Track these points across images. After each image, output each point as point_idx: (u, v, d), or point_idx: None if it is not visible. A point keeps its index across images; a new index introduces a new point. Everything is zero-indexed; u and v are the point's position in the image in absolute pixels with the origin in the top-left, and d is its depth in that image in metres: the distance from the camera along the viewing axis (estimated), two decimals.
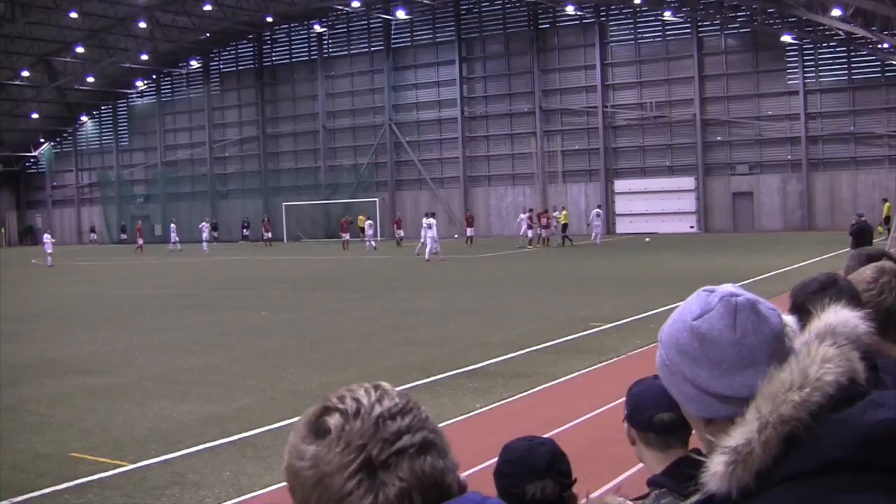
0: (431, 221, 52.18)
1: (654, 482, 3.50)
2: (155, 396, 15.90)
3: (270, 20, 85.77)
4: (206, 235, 75.51)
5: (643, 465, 3.88)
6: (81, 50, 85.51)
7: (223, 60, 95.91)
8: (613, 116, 76.44)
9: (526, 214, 62.78)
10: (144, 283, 42.92)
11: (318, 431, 1.73)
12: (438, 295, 31.75)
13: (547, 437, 4.17)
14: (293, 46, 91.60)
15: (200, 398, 15.71)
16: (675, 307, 2.26)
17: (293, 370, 18.00)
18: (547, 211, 66.12)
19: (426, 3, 79.73)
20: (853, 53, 67.82)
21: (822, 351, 1.92)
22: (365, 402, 1.75)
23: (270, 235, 79.53)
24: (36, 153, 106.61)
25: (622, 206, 75.10)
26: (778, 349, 2.08)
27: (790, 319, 2.49)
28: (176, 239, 75.83)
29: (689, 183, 73.57)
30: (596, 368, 17.05)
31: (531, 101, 78.99)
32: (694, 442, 3.70)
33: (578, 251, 55.03)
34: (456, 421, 13.27)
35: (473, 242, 64.35)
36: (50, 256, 58.09)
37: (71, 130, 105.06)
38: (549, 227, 63.14)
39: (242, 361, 19.32)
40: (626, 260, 45.68)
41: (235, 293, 35.27)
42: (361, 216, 78.92)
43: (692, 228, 72.96)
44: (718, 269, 36.97)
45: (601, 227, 62.83)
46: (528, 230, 62.24)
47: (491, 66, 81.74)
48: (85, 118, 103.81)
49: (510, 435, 4.29)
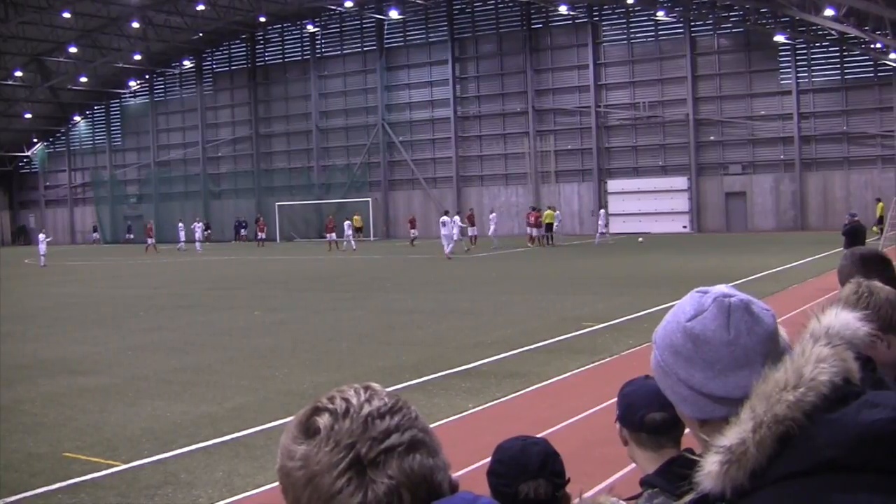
0: (446, 219, 53.72)
1: (646, 482, 3.51)
2: (148, 396, 15.89)
3: (263, 20, 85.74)
4: (198, 235, 75.60)
5: (636, 465, 3.89)
6: (74, 50, 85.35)
7: (216, 60, 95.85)
8: (606, 116, 76.47)
9: (493, 215, 62.74)
10: (138, 282, 42.87)
11: (307, 431, 1.74)
12: (431, 295, 31.76)
13: (540, 436, 4.17)
14: (286, 46, 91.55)
15: (193, 398, 15.70)
16: (668, 307, 2.26)
17: (286, 370, 17.99)
18: (534, 209, 66.43)
19: (419, 2, 79.75)
20: (846, 53, 67.91)
21: (816, 351, 1.92)
22: (354, 401, 1.76)
23: (264, 235, 79.52)
24: (29, 153, 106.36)
25: (615, 205, 75.07)
26: (772, 349, 2.08)
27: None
28: (183, 238, 76.12)
29: (682, 183, 73.62)
30: (589, 368, 17.06)
31: (524, 100, 79.01)
32: (686, 442, 3.71)
33: (572, 251, 55.02)
34: (449, 421, 13.28)
35: (477, 241, 63.23)
36: (43, 257, 57.99)
37: (64, 130, 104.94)
38: (540, 226, 63.37)
39: (235, 361, 19.32)
40: (619, 260, 45.68)
41: (228, 293, 35.26)
42: (357, 216, 79.13)
43: (685, 228, 73.03)
44: (711, 269, 36.99)
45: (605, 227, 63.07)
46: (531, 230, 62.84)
47: (484, 65, 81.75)
48: (78, 118, 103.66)
49: (503, 435, 4.29)
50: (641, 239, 60.66)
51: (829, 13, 57.68)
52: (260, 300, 31.85)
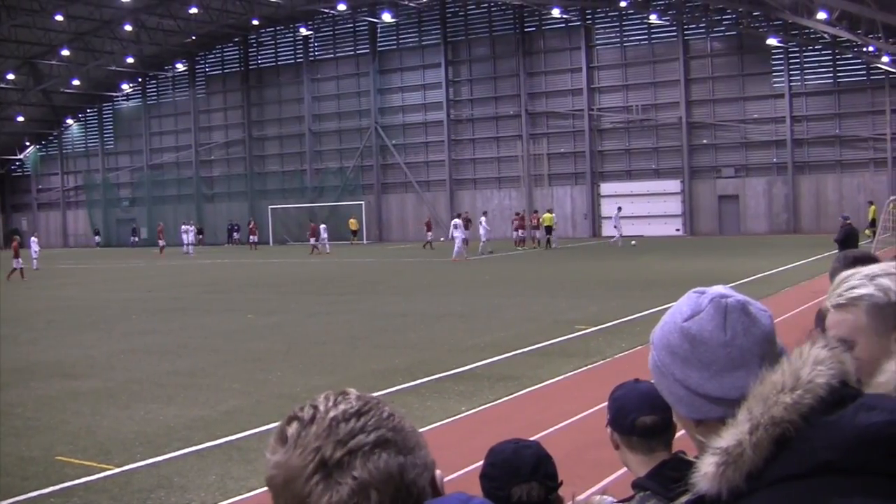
0: (458, 222, 54.60)
1: (638, 485, 3.51)
2: (141, 400, 15.87)
3: (256, 23, 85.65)
4: (190, 238, 75.44)
5: (627, 468, 3.90)
6: (67, 53, 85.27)
7: (209, 63, 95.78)
8: (599, 119, 76.55)
9: (461, 221, 62.99)
10: (131, 286, 42.80)
11: (280, 440, 1.79)
12: (424, 298, 31.76)
13: (533, 439, 4.18)
14: (279, 49, 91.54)
15: (186, 401, 15.68)
16: (661, 310, 2.27)
17: (279, 373, 17.98)
18: (536, 212, 66.70)
19: (412, 6, 79.75)
20: (838, 57, 68.05)
21: (813, 353, 1.93)
22: (321, 407, 1.81)
23: (256, 238, 79.46)
24: (21, 156, 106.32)
25: (608, 209, 75.14)
26: (769, 350, 2.09)
27: None
28: (187, 241, 75.84)
29: (674, 186, 73.71)
30: (582, 371, 17.07)
31: (517, 104, 79.05)
32: (677, 444, 3.72)
33: (564, 254, 55.03)
34: (442, 424, 13.27)
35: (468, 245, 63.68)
36: (36, 260, 57.88)
37: (56, 133, 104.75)
38: (538, 227, 63.73)
39: (228, 365, 19.29)
40: (612, 263, 45.71)
41: (221, 296, 35.22)
42: (352, 220, 79.23)
43: (678, 231, 73.09)
44: (704, 271, 36.99)
45: (619, 227, 63.26)
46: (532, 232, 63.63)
47: (477, 69, 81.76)
48: (70, 121, 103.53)
49: (496, 438, 4.29)
50: (634, 242, 60.66)
51: (821, 16, 57.77)
52: (253, 303, 31.82)
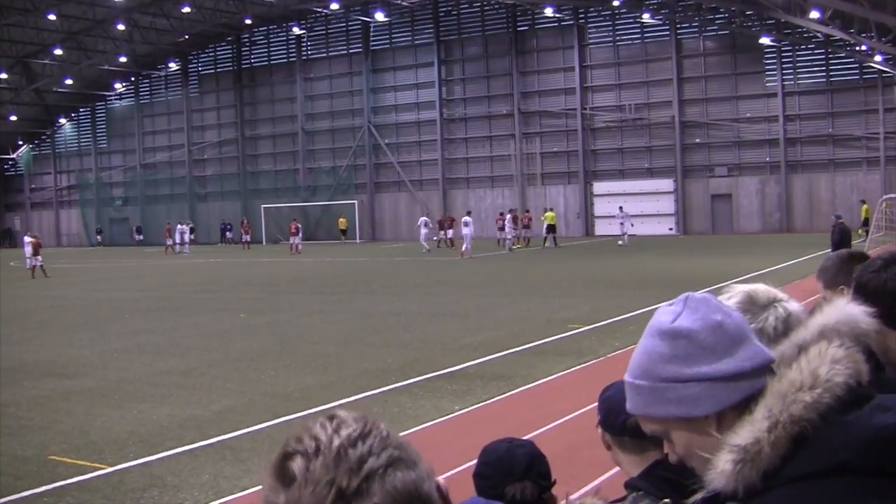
0: (468, 219, 56.37)
1: (630, 485, 3.51)
2: (134, 399, 15.86)
3: (249, 22, 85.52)
4: (179, 237, 75.41)
5: (619, 468, 3.89)
6: (59, 52, 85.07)
7: (202, 62, 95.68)
8: (592, 118, 76.56)
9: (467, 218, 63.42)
10: (124, 285, 42.78)
11: (284, 479, 1.69)
12: (417, 297, 31.76)
13: (526, 438, 4.18)
14: (272, 48, 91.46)
15: (179, 401, 15.67)
16: (654, 309, 2.27)
17: (272, 373, 17.97)
18: (528, 212, 67.00)
19: (405, 5, 79.72)
20: (831, 56, 68.15)
21: (831, 352, 1.94)
22: (323, 437, 1.71)
23: (249, 238, 79.42)
24: (14, 155, 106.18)
25: (601, 208, 75.19)
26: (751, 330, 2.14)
27: (797, 307, 2.53)
28: (189, 240, 75.93)
29: (667, 185, 73.77)
30: (575, 370, 17.08)
31: (510, 103, 79.06)
32: None
33: (558, 253, 55.05)
34: (435, 423, 13.24)
35: (453, 244, 64.04)
36: (28, 259, 57.70)
37: (49, 133, 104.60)
38: (528, 226, 64.02)
39: (221, 364, 19.28)
40: (605, 262, 45.74)
41: (214, 296, 35.18)
42: (342, 219, 79.31)
43: (671, 230, 73.15)
44: (697, 270, 37.04)
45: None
46: (520, 231, 64.29)
47: (470, 68, 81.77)
48: (63, 120, 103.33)
49: (489, 437, 4.30)
50: (621, 242, 60.57)
51: (814, 16, 57.80)
52: (246, 303, 31.81)
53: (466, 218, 57.05)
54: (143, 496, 10.52)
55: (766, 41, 68.28)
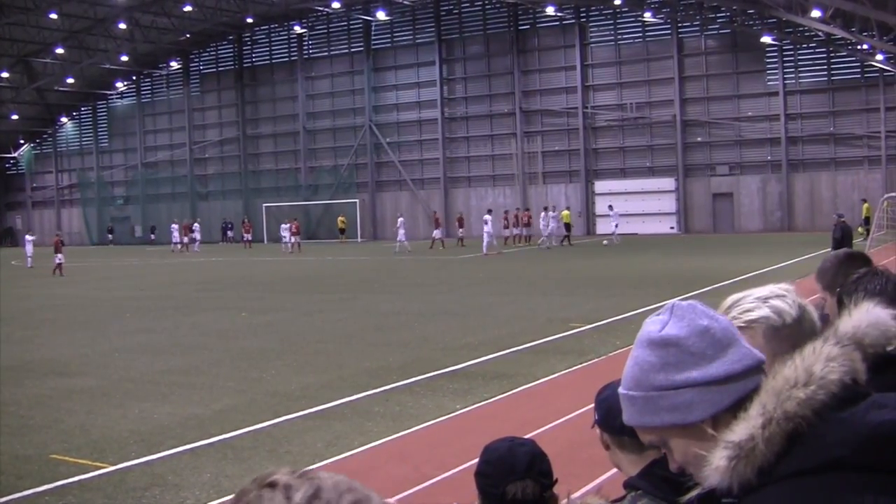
0: (487, 217, 56.82)
1: (630, 485, 3.51)
2: (135, 398, 15.86)
3: (250, 21, 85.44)
4: (176, 237, 75.44)
5: (618, 468, 3.89)
6: (61, 51, 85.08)
7: (203, 61, 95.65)
8: (594, 117, 76.50)
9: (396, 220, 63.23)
10: (125, 284, 42.78)
11: None
12: (419, 296, 31.76)
13: (527, 437, 4.18)
14: (273, 47, 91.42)
15: (181, 400, 15.67)
16: (654, 308, 2.27)
17: (273, 372, 17.98)
18: (528, 210, 67.08)
19: (406, 3, 79.68)
20: (833, 54, 68.09)
21: (826, 349, 1.94)
22: None
23: (250, 237, 79.41)
24: (15, 154, 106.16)
25: (602, 207, 75.16)
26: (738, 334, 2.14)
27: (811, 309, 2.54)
28: (198, 238, 76.01)
29: (669, 184, 73.73)
30: (576, 369, 17.08)
31: (511, 102, 79.01)
32: None
33: (559, 252, 55.05)
34: (436, 422, 13.23)
35: (445, 244, 63.63)
36: (30, 258, 57.84)
37: (51, 131, 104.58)
38: (529, 225, 64.09)
39: (223, 363, 19.29)
40: (606, 261, 45.72)
41: (215, 294, 35.18)
42: (341, 217, 79.30)
43: (672, 229, 73.10)
44: (698, 269, 37.03)
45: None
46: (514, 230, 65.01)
47: (471, 67, 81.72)
48: (65, 119, 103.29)
49: (491, 436, 4.30)
50: (606, 242, 60.31)
51: (815, 14, 57.78)
52: (247, 301, 31.81)
53: (487, 216, 57.30)
54: (144, 495, 10.53)
55: (767, 40, 68.21)
